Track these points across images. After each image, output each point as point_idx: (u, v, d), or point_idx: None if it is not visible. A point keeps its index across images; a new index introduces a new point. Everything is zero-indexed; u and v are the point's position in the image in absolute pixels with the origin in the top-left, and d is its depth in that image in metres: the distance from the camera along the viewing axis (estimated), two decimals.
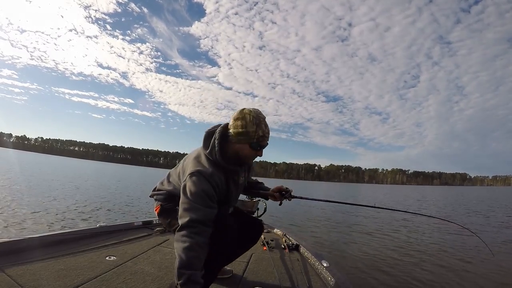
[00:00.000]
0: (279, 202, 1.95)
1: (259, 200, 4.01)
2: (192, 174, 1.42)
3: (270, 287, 1.86)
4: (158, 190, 1.76)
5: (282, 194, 1.92)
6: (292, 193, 1.94)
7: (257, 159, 1.61)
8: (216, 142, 1.47)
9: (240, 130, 1.46)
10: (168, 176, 1.74)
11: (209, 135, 1.54)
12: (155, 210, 1.77)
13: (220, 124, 1.56)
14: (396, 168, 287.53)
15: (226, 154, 1.51)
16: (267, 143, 1.57)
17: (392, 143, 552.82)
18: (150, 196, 1.83)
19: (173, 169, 1.75)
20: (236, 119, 1.48)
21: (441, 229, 8.33)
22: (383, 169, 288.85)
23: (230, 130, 1.49)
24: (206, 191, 1.39)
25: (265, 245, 2.73)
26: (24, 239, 2.03)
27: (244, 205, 3.87)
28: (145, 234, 2.86)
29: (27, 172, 18.91)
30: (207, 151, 1.50)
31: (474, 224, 9.83)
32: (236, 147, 1.51)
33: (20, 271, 1.65)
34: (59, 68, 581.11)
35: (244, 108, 1.52)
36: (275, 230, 3.55)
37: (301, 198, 1.99)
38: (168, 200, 1.68)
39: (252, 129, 1.45)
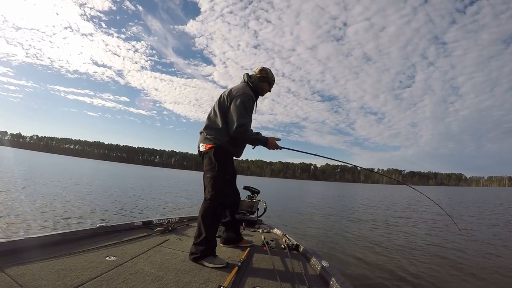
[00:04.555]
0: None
1: (259, 201, 4.02)
2: (243, 90, 2.39)
3: (270, 287, 1.86)
4: (211, 125, 2.40)
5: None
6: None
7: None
8: (256, 77, 2.60)
9: (264, 75, 2.63)
10: (214, 111, 2.43)
11: (248, 74, 2.58)
12: (205, 147, 2.36)
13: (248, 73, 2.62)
14: (392, 168, 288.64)
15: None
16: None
17: (387, 143, 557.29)
18: (200, 132, 2.47)
19: (212, 107, 2.49)
20: (261, 70, 2.65)
21: (433, 226, 8.42)
22: (379, 169, 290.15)
23: (257, 75, 2.62)
24: (252, 96, 2.43)
25: (265, 245, 2.72)
26: (24, 239, 2.01)
27: (243, 204, 3.87)
28: (145, 234, 2.85)
29: (26, 172, 18.71)
30: (251, 80, 2.54)
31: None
32: (260, 84, 2.60)
33: (20, 271, 1.63)
34: (55, 66, 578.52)
35: (263, 66, 2.67)
36: (275, 230, 3.55)
37: (289, 149, 2.73)
38: (223, 139, 2.33)
39: (270, 75, 2.67)
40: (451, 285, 3.84)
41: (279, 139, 2.46)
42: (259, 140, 2.40)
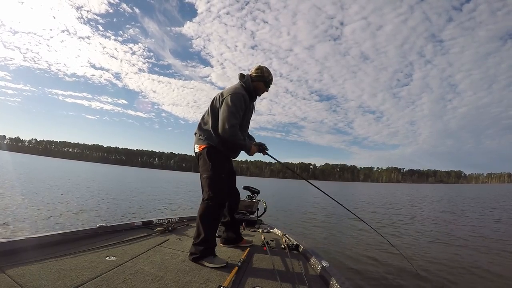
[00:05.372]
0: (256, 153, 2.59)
1: (259, 201, 4.02)
2: (234, 89, 2.38)
3: (270, 287, 1.86)
4: (203, 126, 2.42)
5: (261, 149, 2.62)
6: (267, 151, 2.63)
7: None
8: (249, 77, 2.55)
9: (259, 74, 2.57)
10: (207, 112, 2.44)
11: (241, 74, 2.56)
12: (199, 148, 2.39)
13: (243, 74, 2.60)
14: (391, 167, 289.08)
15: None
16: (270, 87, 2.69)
17: (386, 141, 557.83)
18: (195, 134, 2.48)
19: (206, 111, 2.48)
20: (256, 69, 2.59)
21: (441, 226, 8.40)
22: (378, 168, 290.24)
23: (253, 75, 2.57)
24: (244, 95, 2.37)
25: (265, 245, 2.72)
26: (24, 239, 2.02)
27: (243, 204, 3.87)
28: (145, 234, 2.85)
29: (25, 175, 18.66)
30: (244, 80, 2.50)
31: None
32: (254, 84, 2.55)
33: (20, 271, 1.64)
34: (52, 69, 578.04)
35: (260, 65, 2.62)
36: (275, 230, 3.56)
37: (271, 157, 2.66)
38: (216, 139, 2.34)
39: (266, 75, 2.59)
40: (453, 285, 3.82)
41: (263, 145, 2.64)
42: (245, 146, 2.42)
